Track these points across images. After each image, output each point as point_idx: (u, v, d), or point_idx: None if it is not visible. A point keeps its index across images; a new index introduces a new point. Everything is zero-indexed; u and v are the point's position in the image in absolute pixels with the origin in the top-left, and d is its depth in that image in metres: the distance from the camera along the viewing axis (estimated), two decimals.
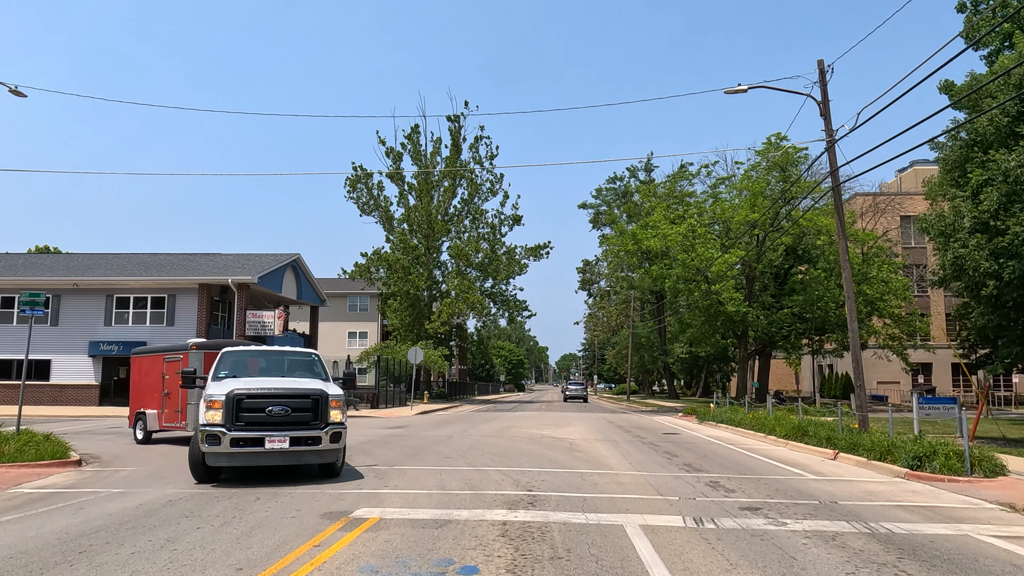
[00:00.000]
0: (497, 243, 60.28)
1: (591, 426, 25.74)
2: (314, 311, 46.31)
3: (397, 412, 34.54)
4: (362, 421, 27.65)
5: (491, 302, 60.50)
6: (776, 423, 21.67)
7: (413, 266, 56.05)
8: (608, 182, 76.72)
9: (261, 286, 36.24)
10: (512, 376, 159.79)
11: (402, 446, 16.97)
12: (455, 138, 59.80)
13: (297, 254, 40.48)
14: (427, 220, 57.61)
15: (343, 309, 68.58)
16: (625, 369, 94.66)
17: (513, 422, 27.59)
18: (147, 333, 35.10)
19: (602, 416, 34.30)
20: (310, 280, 43.48)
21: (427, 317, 56.35)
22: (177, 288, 35.27)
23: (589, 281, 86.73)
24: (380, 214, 60.79)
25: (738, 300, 39.90)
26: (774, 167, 42.79)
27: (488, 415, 34.10)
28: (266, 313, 34.71)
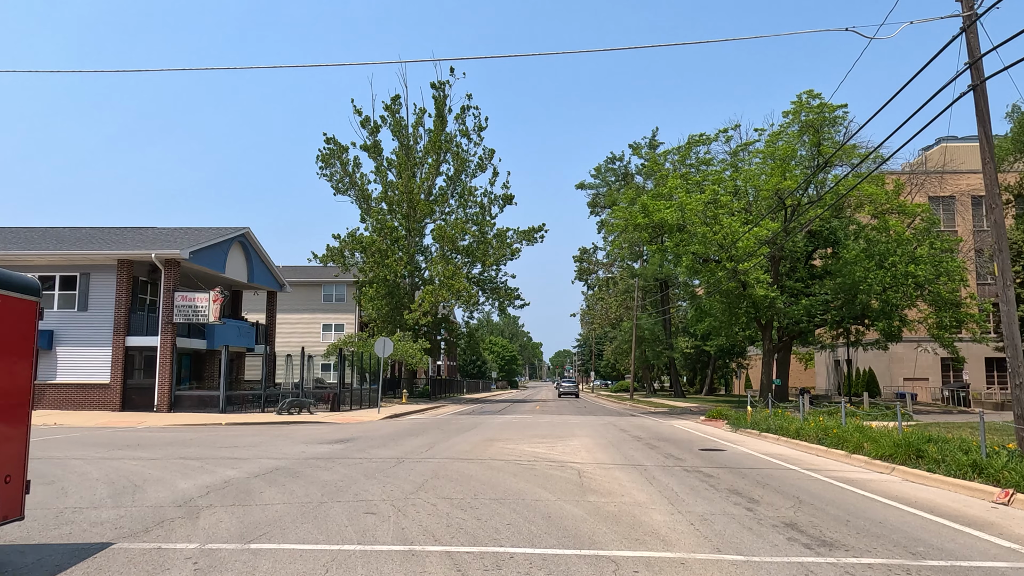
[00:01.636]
0: (486, 225, 54.09)
1: (600, 437, 19.62)
2: (271, 298, 40.05)
3: (359, 416, 28.40)
4: (304, 429, 21.49)
5: (479, 290, 54.32)
6: (861, 436, 15.59)
7: (391, 249, 49.83)
8: (608, 162, 70.62)
9: (197, 264, 30.00)
10: (505, 373, 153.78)
11: (313, 482, 10.79)
12: (440, 108, 53.60)
13: (245, 228, 34.22)
14: (408, 199, 51.39)
15: (317, 299, 62.41)
16: (625, 365, 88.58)
17: (498, 432, 21.42)
18: (55, 320, 28.84)
19: (609, 421, 28.19)
20: (265, 260, 37.21)
21: (407, 307, 50.14)
22: (91, 264, 29.00)
23: (587, 271, 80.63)
24: (356, 193, 54.55)
25: (766, 283, 33.88)
26: (806, 128, 36.70)
27: (470, 420, 27.95)
28: (199, 296, 28.47)
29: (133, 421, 24.46)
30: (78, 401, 28.36)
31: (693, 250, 33.11)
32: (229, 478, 11.03)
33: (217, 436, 18.99)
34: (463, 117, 54.70)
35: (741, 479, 11.72)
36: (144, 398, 28.58)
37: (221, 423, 24.34)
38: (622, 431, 22.20)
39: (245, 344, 33.44)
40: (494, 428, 22.83)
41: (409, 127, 54.62)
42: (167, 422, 24.38)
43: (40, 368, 28.69)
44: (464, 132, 54.25)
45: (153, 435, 19.30)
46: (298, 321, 60.99)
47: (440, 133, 53.28)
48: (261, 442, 17.19)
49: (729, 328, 39.60)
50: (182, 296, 28.52)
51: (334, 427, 22.91)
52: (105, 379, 28.36)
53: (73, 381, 28.47)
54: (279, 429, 22.02)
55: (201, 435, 19.39)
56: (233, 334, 32.60)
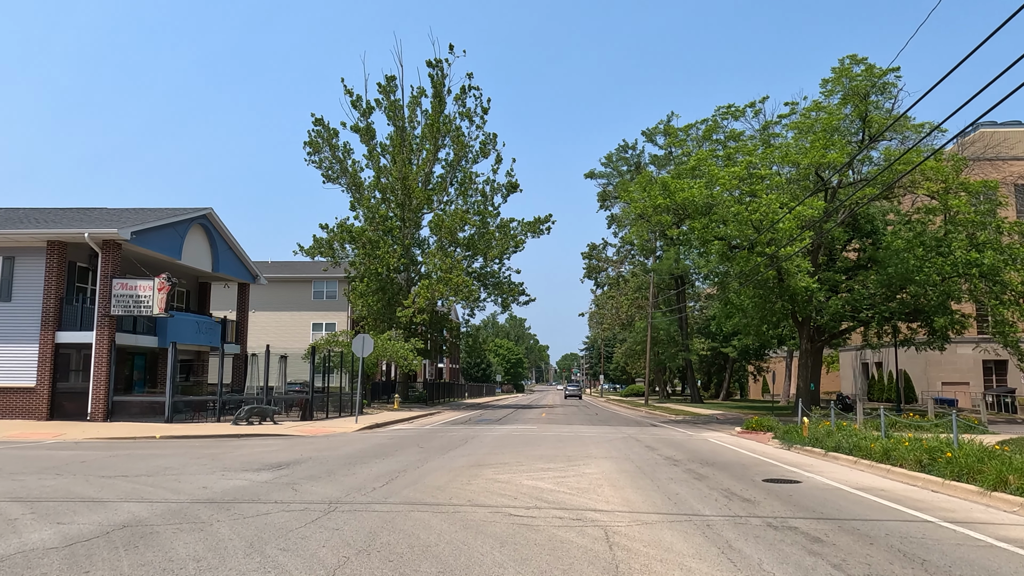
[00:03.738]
0: (489, 215, 49.57)
1: (624, 459, 15.03)
2: (243, 290, 35.55)
3: (331, 427, 23.89)
4: (247, 447, 16.97)
5: (480, 285, 49.77)
6: (1000, 465, 10.99)
7: (383, 240, 45.36)
8: (620, 150, 66.04)
9: (145, 248, 25.56)
10: (510, 376, 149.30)
11: (149, 565, 6.23)
12: (438, 88, 49.13)
13: (207, 208, 29.75)
14: (403, 186, 46.95)
15: (307, 296, 58.03)
16: (637, 368, 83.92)
17: (492, 450, 16.85)
18: None
19: (628, 434, 23.59)
20: (233, 247, 32.75)
21: (402, 303, 45.69)
22: (16, 247, 24.59)
23: (596, 268, 76.07)
24: (348, 181, 50.15)
25: (806, 273, 29.29)
26: (850, 97, 32.09)
27: (461, 432, 23.40)
28: (141, 283, 24.00)
29: (47, 433, 20.01)
30: None
31: (724, 234, 28.47)
32: (23, 547, 6.55)
33: (124, 457, 14.52)
34: (463, 98, 50.27)
35: (870, 548, 7.14)
36: (78, 405, 24.13)
37: (155, 436, 19.87)
38: (649, 448, 17.61)
39: (207, 342, 29.02)
40: (488, 444, 18.28)
41: (405, 109, 50.22)
42: (92, 434, 19.92)
43: None
44: (465, 114, 49.78)
45: (43, 454, 14.86)
46: (286, 320, 56.61)
47: (438, 115, 48.83)
48: (168, 468, 12.72)
49: (760, 326, 34.96)
50: (122, 284, 24.06)
51: (288, 442, 18.39)
52: (30, 382, 23.93)
53: None
54: (217, 446, 17.52)
55: (108, 454, 14.94)
56: (190, 330, 28.15)
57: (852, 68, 32.19)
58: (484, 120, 50.41)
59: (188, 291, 33.66)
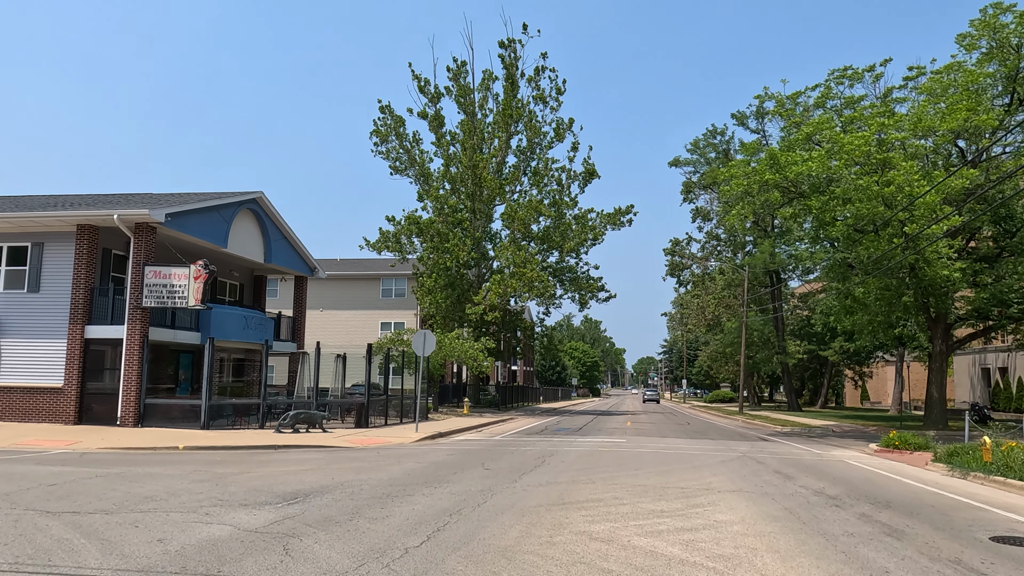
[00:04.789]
0: (565, 206, 45.81)
1: (762, 496, 10.99)
2: (300, 284, 32.82)
3: (387, 436, 20.57)
4: (277, 463, 13.67)
5: (556, 280, 46.01)
6: None
7: (452, 232, 42.15)
8: (707, 135, 61.11)
9: (185, 234, 22.88)
10: (586, 380, 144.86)
11: None
12: (510, 71, 45.68)
13: (257, 192, 27.01)
14: (473, 174, 43.64)
15: (375, 295, 55.54)
16: (724, 372, 78.48)
17: (577, 479, 13.05)
18: (0, 302, 22.25)
19: (744, 453, 19.38)
20: (288, 237, 30.00)
21: (472, 300, 42.42)
22: (45, 232, 22.25)
23: (679, 265, 71.14)
24: (416, 171, 47.26)
25: (947, 258, 24.41)
26: (996, 52, 26.97)
27: (536, 448, 19.69)
28: (175, 272, 21.25)
29: (62, 441, 17.34)
30: (24, 410, 21.60)
31: (856, 210, 23.81)
32: None
33: (112, 479, 11.45)
34: (537, 80, 46.68)
35: None
36: (108, 408, 21.57)
37: (179, 447, 16.92)
38: (782, 476, 13.48)
39: (257, 339, 26.26)
40: (570, 465, 14.52)
41: (475, 94, 47.00)
42: (111, 443, 17.15)
43: None
44: (539, 97, 46.15)
45: (28, 470, 11.95)
46: (355, 319, 54.16)
47: (511, 99, 45.38)
48: (149, 498, 9.50)
49: (884, 324, 29.99)
50: (154, 272, 21.37)
51: (327, 457, 15.07)
52: (58, 381, 21.51)
53: (18, 383, 21.72)
54: (241, 461, 14.35)
55: (97, 473, 11.92)
56: (236, 325, 25.40)
57: (999, 17, 27.11)
58: (559, 102, 46.72)
59: (241, 285, 31.14)
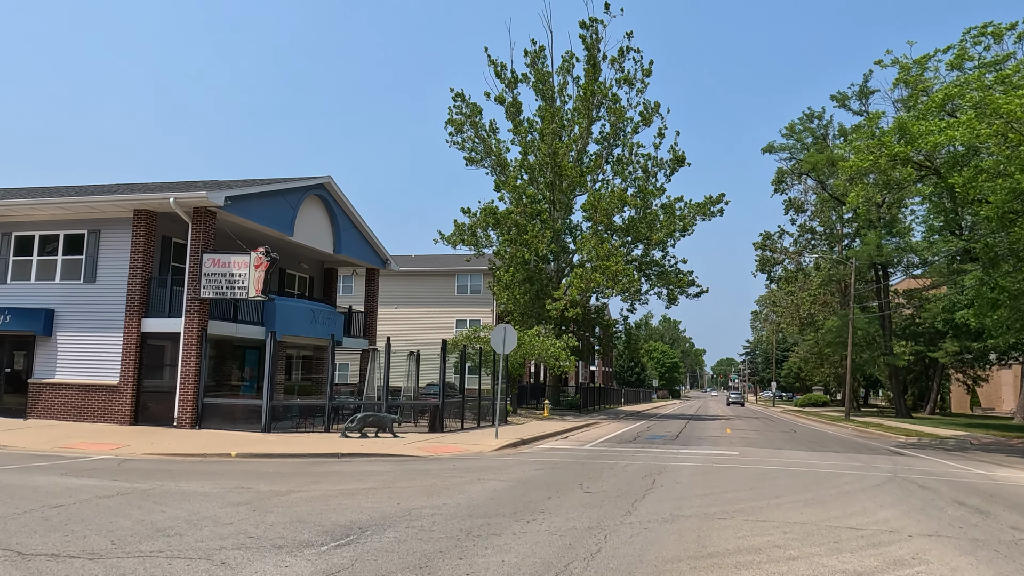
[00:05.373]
0: (652, 194, 42.73)
1: (987, 553, 8.01)
2: (371, 277, 30.92)
3: (463, 443, 18.20)
4: (335, 475, 11.41)
5: (641, 275, 42.94)
6: None
7: (531, 224, 39.67)
8: (804, 119, 56.74)
9: (243, 218, 21.10)
10: (665, 381, 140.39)
11: None
12: (591, 52, 42.92)
13: (325, 177, 25.15)
14: (553, 163, 41.05)
15: (450, 291, 53.64)
16: (819, 374, 73.41)
17: (709, 511, 10.25)
18: (56, 293, 20.95)
19: (896, 473, 16.12)
20: (358, 226, 28.09)
21: (552, 296, 39.88)
22: (102, 219, 20.84)
23: (770, 260, 66.78)
24: (492, 161, 45.07)
25: None
26: None
27: (639, 462, 16.93)
28: (235, 259, 19.44)
29: (107, 445, 15.64)
30: (80, 409, 20.20)
31: (1006, 187, 20.11)
32: None
33: (136, 498, 9.40)
34: (620, 61, 43.73)
35: None
36: (164, 407, 19.96)
37: (231, 454, 14.96)
38: (983, 514, 10.32)
39: (324, 334, 24.39)
40: (689, 489, 11.75)
41: (555, 77, 44.43)
42: (159, 448, 15.36)
43: (37, 361, 20.83)
44: (624, 79, 43.19)
45: (51, 482, 10.07)
46: (429, 315, 52.38)
47: (592, 82, 42.56)
48: (165, 530, 7.32)
49: None
50: (213, 260, 19.63)
51: (395, 471, 12.75)
52: (113, 378, 20.02)
53: (74, 380, 20.36)
54: (295, 475, 12.17)
55: (129, 487, 9.93)
56: (302, 319, 23.55)
57: None
58: (646, 84, 43.62)
59: (311, 278, 29.47)
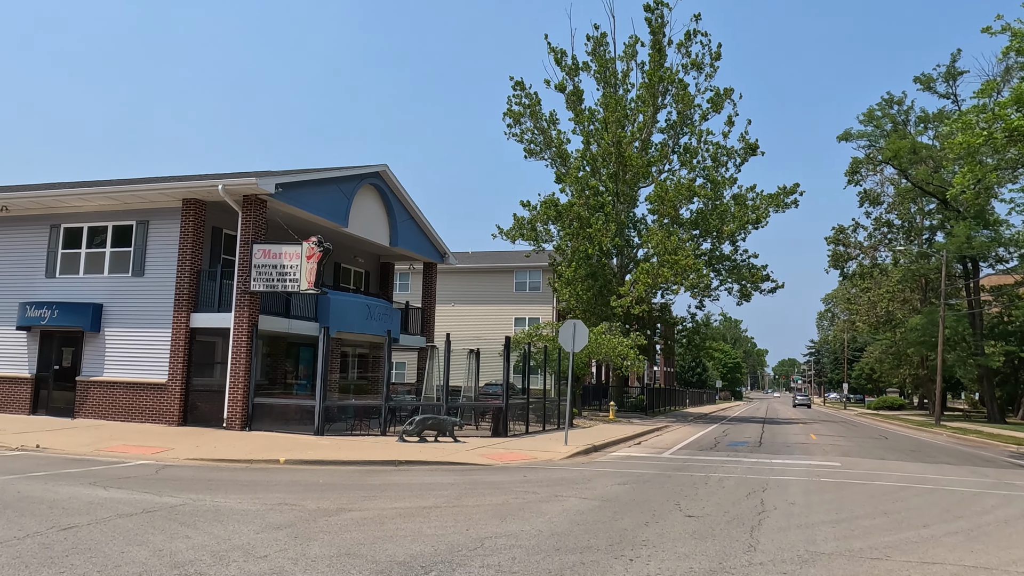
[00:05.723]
0: (723, 184, 40.44)
1: None
2: (428, 271, 29.55)
3: (530, 449, 16.56)
4: (393, 488, 9.85)
5: (710, 270, 40.65)
6: None
7: (594, 217, 37.86)
8: (883, 104, 53.34)
9: (295, 207, 19.88)
10: (727, 382, 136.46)
11: None
12: (657, 37, 40.89)
13: (381, 166, 23.84)
14: (617, 152, 39.14)
15: (508, 288, 52.15)
16: (898, 375, 69.48)
17: (853, 555, 8.29)
18: (103, 288, 20.09)
19: None
20: (415, 217, 26.74)
21: (615, 292, 38.02)
22: (151, 209, 19.88)
23: (844, 256, 63.29)
24: (552, 153, 43.44)
25: None
26: None
27: (735, 475, 15.00)
28: (286, 250, 18.21)
29: (150, 448, 14.51)
30: (128, 408, 19.28)
31: None
32: None
33: (163, 515, 8.02)
34: (687, 45, 41.60)
35: None
36: (214, 407, 18.87)
37: (280, 460, 13.63)
38: None
39: (380, 330, 23.07)
40: (809, 512, 9.87)
41: (618, 63, 42.56)
42: (203, 453, 14.16)
43: (85, 357, 20.00)
44: (693, 63, 41.02)
45: (75, 493, 8.82)
46: (486, 313, 51.00)
47: (657, 68, 40.48)
48: (194, 559, 5.87)
49: None
50: (263, 251, 18.44)
51: (460, 484, 11.17)
52: (161, 376, 19.04)
53: (121, 378, 19.45)
54: (348, 488, 10.70)
55: (159, 502, 8.60)
56: (358, 315, 22.26)
57: None
58: (715, 69, 41.37)
59: (366, 272, 28.28)
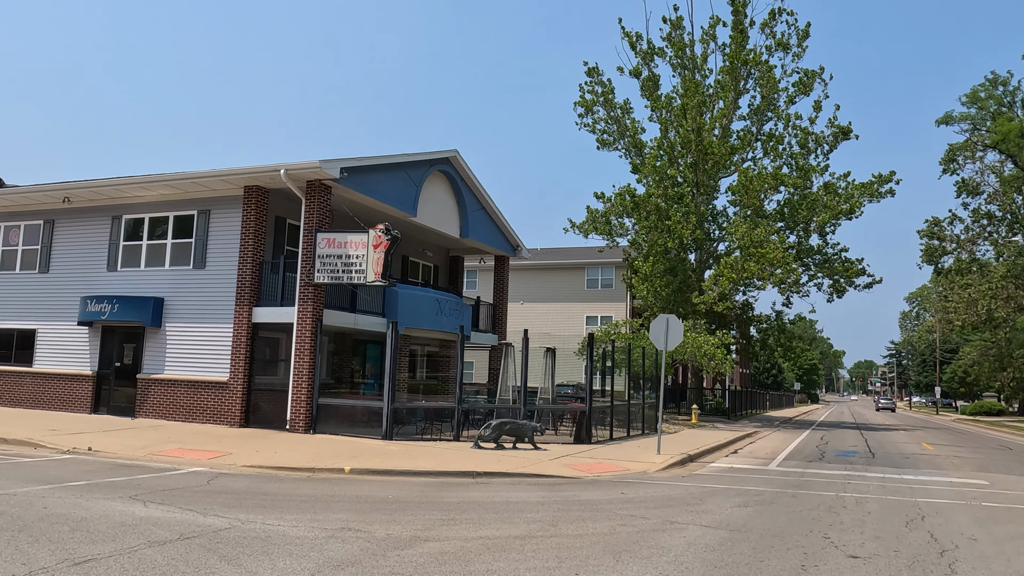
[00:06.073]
0: (814, 171, 37.65)
1: None
2: (500, 265, 27.93)
3: (620, 459, 14.70)
4: (474, 508, 8.21)
5: (799, 264, 37.88)
6: None
7: (673, 208, 35.66)
8: (987, 84, 49.33)
9: (361, 193, 18.49)
10: (803, 384, 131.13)
11: None
12: (738, 17, 38.38)
13: (451, 151, 22.31)
14: (696, 140, 36.83)
15: (579, 286, 50.23)
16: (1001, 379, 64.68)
17: None
18: (165, 281, 19.13)
19: None
20: (486, 207, 25.15)
21: (695, 288, 35.74)
22: (212, 197, 18.81)
23: (938, 251, 59.05)
24: (627, 143, 41.39)
25: None
26: None
27: (871, 497, 12.79)
28: (351, 238, 16.82)
29: (205, 453, 13.26)
30: (189, 407, 18.25)
31: None
32: None
33: (215, 547, 6.54)
34: (771, 25, 38.98)
35: None
36: (276, 408, 17.65)
37: (344, 469, 12.17)
38: None
39: (451, 327, 21.60)
40: (998, 546, 7.75)
41: (697, 46, 40.19)
42: (261, 459, 12.84)
43: (146, 354, 19.08)
44: (779, 43, 38.35)
45: (114, 510, 7.46)
46: (555, 312, 49.15)
47: (740, 50, 37.99)
48: None
49: None
50: (327, 240, 17.11)
51: (550, 503, 9.43)
52: (223, 375, 17.93)
53: (182, 376, 18.43)
54: (423, 504, 9.08)
55: (206, 523, 7.15)
56: (427, 310, 20.79)
57: None
58: (803, 49, 38.56)
59: (435, 267, 26.88)
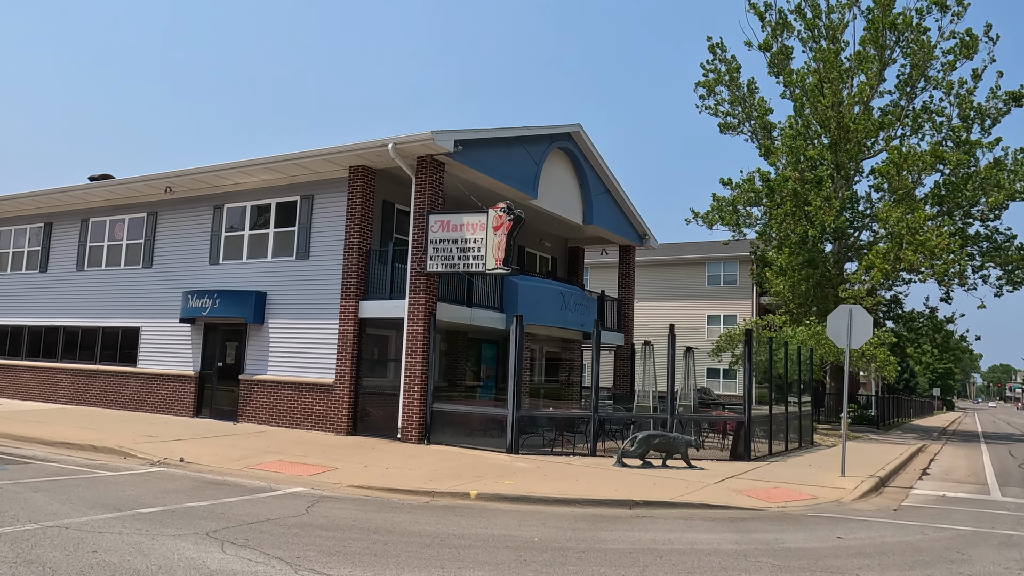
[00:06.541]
0: (977, 146, 32.93)
1: None
2: (626, 256, 25.15)
3: (796, 484, 11.80)
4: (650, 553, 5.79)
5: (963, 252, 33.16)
6: None
7: (812, 194, 31.91)
8: None
9: (477, 170, 16.28)
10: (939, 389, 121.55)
11: None
12: None
13: (574, 126, 19.80)
14: (836, 116, 32.90)
15: (699, 281, 46.86)
16: None
17: None
18: (267, 273, 17.56)
19: None
20: (611, 190, 22.50)
21: (835, 282, 31.86)
22: (315, 181, 17.09)
23: None
24: (753, 125, 37.73)
25: None
26: None
27: None
28: (467, 220, 14.61)
29: (308, 468, 11.33)
30: (291, 411, 16.56)
31: None
32: None
33: None
34: None
35: None
36: (386, 414, 15.67)
37: (471, 494, 9.91)
38: None
39: (575, 324, 19.14)
40: None
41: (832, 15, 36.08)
42: (372, 477, 10.78)
43: (248, 353, 17.55)
44: (937, 2, 33.75)
45: (168, 554, 5.48)
46: (674, 310, 45.82)
47: (885, 15, 33.74)
48: None
49: None
50: (440, 223, 14.97)
51: (751, 552, 6.80)
52: (328, 376, 16.14)
53: (285, 377, 16.77)
54: (572, 550, 6.65)
55: None
56: (551, 304, 18.38)
57: None
58: (964, 8, 33.79)
59: (553, 258, 24.50)
